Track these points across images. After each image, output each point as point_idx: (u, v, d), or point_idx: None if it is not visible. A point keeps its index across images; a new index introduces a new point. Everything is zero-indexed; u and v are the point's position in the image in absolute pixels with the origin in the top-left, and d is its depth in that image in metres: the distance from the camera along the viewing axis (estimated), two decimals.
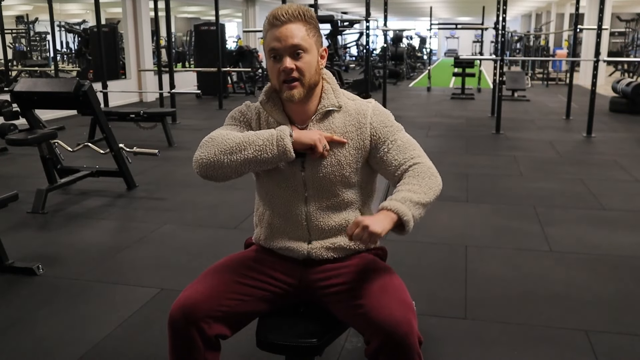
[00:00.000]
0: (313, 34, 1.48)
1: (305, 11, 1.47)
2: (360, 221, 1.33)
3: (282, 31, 1.44)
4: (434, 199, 1.47)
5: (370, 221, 1.33)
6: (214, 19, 9.76)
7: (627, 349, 2.18)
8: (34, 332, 2.32)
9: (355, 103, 1.56)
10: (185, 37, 20.28)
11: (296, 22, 1.45)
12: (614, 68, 17.33)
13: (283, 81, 1.46)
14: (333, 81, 1.57)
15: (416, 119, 8.44)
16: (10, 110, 4.71)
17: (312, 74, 1.48)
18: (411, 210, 1.39)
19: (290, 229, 1.56)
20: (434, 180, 1.49)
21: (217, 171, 1.46)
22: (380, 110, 1.55)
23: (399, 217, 1.37)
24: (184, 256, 3.14)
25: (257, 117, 1.57)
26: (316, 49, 1.49)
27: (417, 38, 24.21)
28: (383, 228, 1.34)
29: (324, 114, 1.53)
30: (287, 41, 1.43)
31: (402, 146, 1.52)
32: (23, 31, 15.94)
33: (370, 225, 1.32)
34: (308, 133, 1.48)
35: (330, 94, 1.54)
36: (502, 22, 7.55)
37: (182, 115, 8.50)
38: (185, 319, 1.42)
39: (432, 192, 1.47)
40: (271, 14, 1.46)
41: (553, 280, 2.80)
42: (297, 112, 1.54)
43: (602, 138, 6.78)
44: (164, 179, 4.89)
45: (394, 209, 1.38)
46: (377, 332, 1.35)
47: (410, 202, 1.40)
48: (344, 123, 1.52)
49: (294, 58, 1.45)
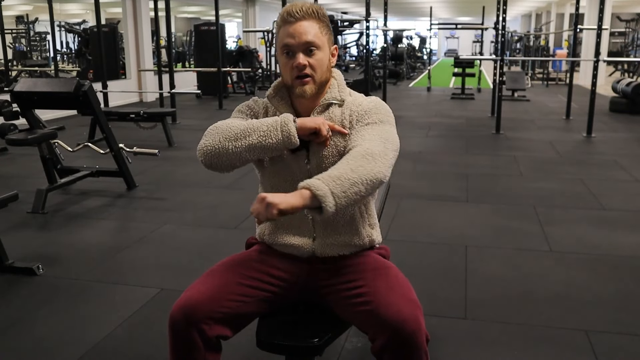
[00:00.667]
0: (325, 31, 1.51)
1: (318, 9, 1.49)
2: (262, 197, 1.25)
3: (296, 28, 1.46)
4: (365, 179, 1.31)
5: (272, 196, 1.24)
6: (214, 19, 9.76)
7: (627, 349, 2.18)
8: (34, 332, 2.32)
9: (356, 97, 1.58)
10: (185, 37, 20.28)
11: (310, 19, 1.47)
12: (614, 68, 17.33)
13: (296, 77, 1.48)
14: (340, 78, 1.60)
15: (416, 119, 8.44)
16: (10, 110, 4.71)
17: (324, 70, 1.51)
18: (329, 185, 1.26)
19: (296, 223, 1.56)
20: (369, 161, 1.34)
21: (222, 158, 1.46)
22: (376, 102, 1.56)
23: (313, 193, 1.25)
24: (184, 256, 3.14)
25: (264, 110, 1.59)
26: (328, 47, 1.52)
27: (417, 38, 24.22)
28: (283, 201, 1.23)
29: (325, 106, 1.55)
30: (300, 38, 1.46)
31: (368, 131, 1.45)
32: (23, 31, 15.94)
33: (268, 197, 1.24)
34: (312, 118, 1.50)
35: (335, 89, 1.57)
36: (502, 22, 7.55)
37: (182, 115, 8.50)
38: (186, 320, 1.42)
39: (362, 171, 1.31)
40: (285, 11, 1.48)
41: (553, 280, 2.80)
42: (305, 107, 1.56)
43: (602, 138, 6.78)
44: (164, 179, 4.89)
45: (307, 184, 1.26)
46: (384, 330, 1.34)
47: (329, 178, 1.28)
48: (341, 114, 1.54)
49: (307, 54, 1.48)
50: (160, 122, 6.35)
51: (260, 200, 1.25)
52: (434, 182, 4.71)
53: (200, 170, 1.74)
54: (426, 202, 4.18)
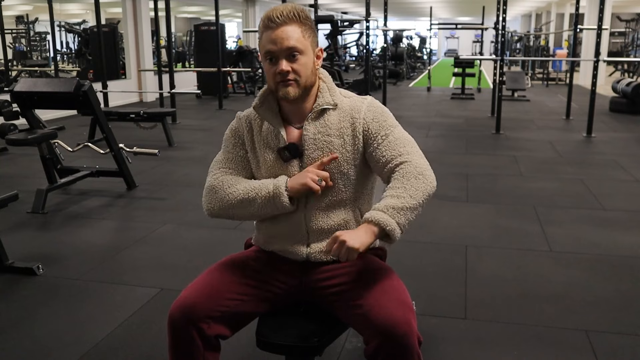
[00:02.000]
0: (309, 34, 1.48)
1: (300, 11, 1.46)
2: (338, 236, 1.33)
3: (278, 33, 1.44)
4: (423, 200, 1.41)
5: (348, 236, 1.33)
6: (214, 19, 9.76)
7: (627, 349, 2.18)
8: (34, 332, 2.32)
9: (351, 100, 1.56)
10: (185, 37, 20.28)
11: (291, 23, 1.45)
12: (614, 68, 17.33)
13: (279, 82, 1.47)
14: (329, 80, 1.57)
15: (416, 119, 8.44)
16: (10, 110, 4.72)
17: (309, 75, 1.49)
18: (395, 217, 1.37)
19: (290, 232, 1.55)
20: (421, 180, 1.43)
21: (229, 218, 1.57)
22: (375, 106, 1.55)
23: (382, 228, 1.36)
24: (184, 256, 3.14)
25: (248, 127, 1.59)
26: (312, 50, 1.49)
27: (417, 38, 24.20)
28: (361, 243, 1.33)
29: (319, 112, 1.53)
30: (282, 43, 1.44)
31: (392, 142, 1.50)
32: (23, 31, 15.94)
33: (347, 240, 1.32)
34: (300, 178, 1.48)
35: (326, 93, 1.54)
36: (502, 22, 7.55)
37: (182, 115, 8.50)
38: (185, 319, 1.42)
39: (420, 194, 1.41)
40: (266, 16, 1.46)
41: (553, 280, 2.80)
42: (293, 112, 1.55)
43: (602, 138, 6.78)
44: (164, 179, 4.89)
45: (375, 220, 1.36)
46: (376, 333, 1.35)
47: (393, 210, 1.37)
48: (338, 120, 1.53)
49: (290, 60, 1.45)
50: (160, 122, 6.35)
51: (339, 243, 1.33)
52: None
53: (200, 170, 1.74)
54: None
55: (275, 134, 1.54)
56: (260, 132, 1.57)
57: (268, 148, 1.55)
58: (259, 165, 1.57)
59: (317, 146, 1.51)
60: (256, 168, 1.59)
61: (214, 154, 1.67)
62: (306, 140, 1.52)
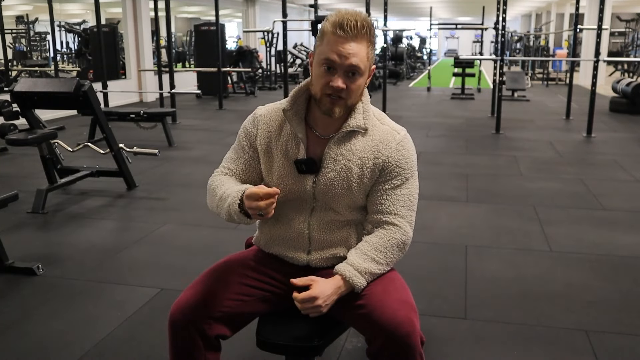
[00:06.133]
0: (372, 54, 1.42)
1: (370, 26, 1.39)
2: (315, 297, 1.37)
3: (346, 47, 1.36)
4: (393, 263, 1.51)
5: (323, 299, 1.38)
6: (214, 19, 9.76)
7: (627, 349, 2.18)
8: (34, 332, 2.32)
9: (383, 129, 1.49)
10: (185, 37, 20.28)
11: (361, 40, 1.37)
12: (614, 68, 17.32)
13: (328, 94, 1.40)
14: (366, 100, 1.50)
15: (416, 119, 8.44)
16: (10, 110, 4.71)
17: (357, 96, 1.45)
18: (365, 277, 1.44)
19: (292, 238, 1.55)
20: (401, 251, 1.50)
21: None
22: (405, 148, 1.49)
23: (352, 288, 1.43)
24: (184, 256, 3.14)
25: (266, 129, 1.51)
26: (369, 71, 1.44)
27: (417, 38, 24.20)
28: (329, 301, 1.40)
29: (347, 132, 1.47)
30: (347, 59, 1.37)
31: (398, 196, 1.48)
32: (23, 31, 15.93)
33: (322, 306, 1.38)
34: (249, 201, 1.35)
35: (359, 114, 1.47)
36: (502, 22, 7.56)
37: (182, 115, 8.50)
38: (186, 320, 1.42)
39: (394, 261, 1.50)
40: (338, 22, 1.37)
41: (553, 280, 2.80)
42: (322, 124, 1.49)
43: (602, 138, 6.78)
44: (164, 179, 4.88)
45: (352, 282, 1.42)
46: (379, 332, 1.35)
47: (370, 275, 1.44)
48: (363, 147, 1.47)
49: (347, 77, 1.39)
50: (160, 122, 6.35)
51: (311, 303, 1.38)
52: (434, 182, 4.70)
53: (200, 170, 1.74)
54: (426, 202, 4.17)
55: (297, 142, 1.48)
56: (279, 137, 1.50)
57: (286, 156, 1.49)
58: (272, 170, 1.52)
59: (335, 169, 1.47)
60: (267, 173, 1.53)
61: (214, 154, 1.67)
62: (326, 159, 1.47)
